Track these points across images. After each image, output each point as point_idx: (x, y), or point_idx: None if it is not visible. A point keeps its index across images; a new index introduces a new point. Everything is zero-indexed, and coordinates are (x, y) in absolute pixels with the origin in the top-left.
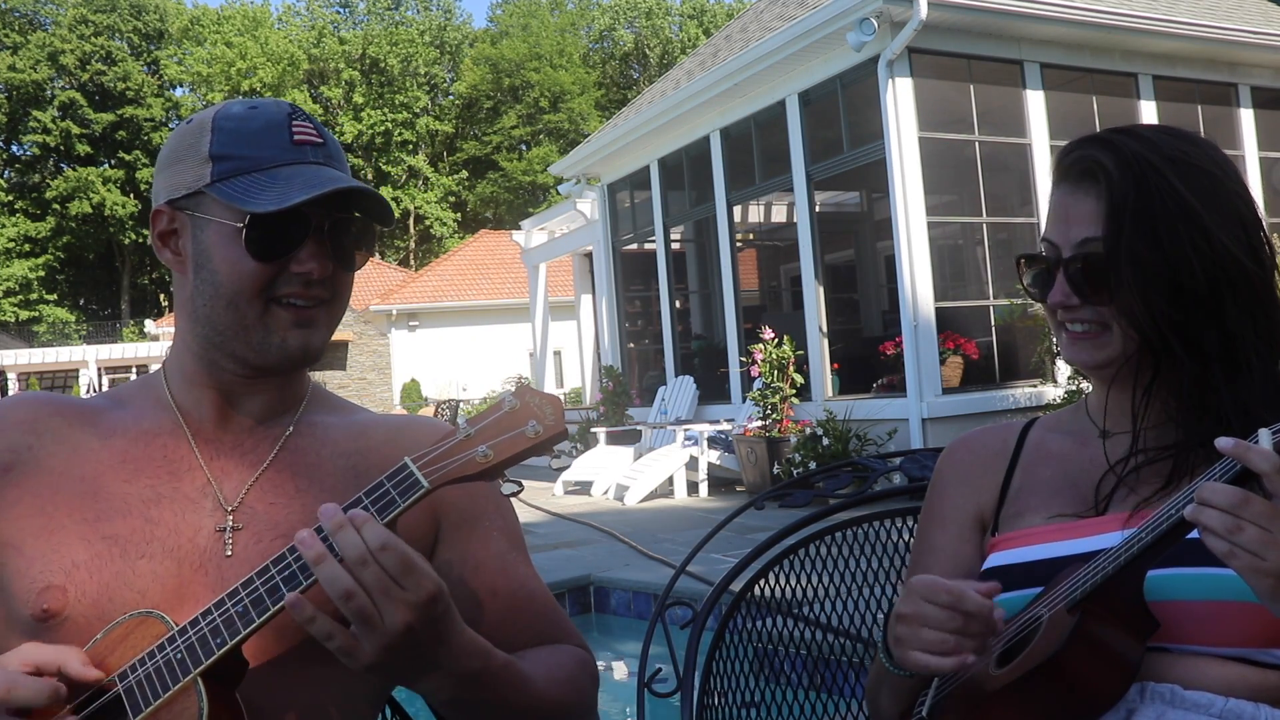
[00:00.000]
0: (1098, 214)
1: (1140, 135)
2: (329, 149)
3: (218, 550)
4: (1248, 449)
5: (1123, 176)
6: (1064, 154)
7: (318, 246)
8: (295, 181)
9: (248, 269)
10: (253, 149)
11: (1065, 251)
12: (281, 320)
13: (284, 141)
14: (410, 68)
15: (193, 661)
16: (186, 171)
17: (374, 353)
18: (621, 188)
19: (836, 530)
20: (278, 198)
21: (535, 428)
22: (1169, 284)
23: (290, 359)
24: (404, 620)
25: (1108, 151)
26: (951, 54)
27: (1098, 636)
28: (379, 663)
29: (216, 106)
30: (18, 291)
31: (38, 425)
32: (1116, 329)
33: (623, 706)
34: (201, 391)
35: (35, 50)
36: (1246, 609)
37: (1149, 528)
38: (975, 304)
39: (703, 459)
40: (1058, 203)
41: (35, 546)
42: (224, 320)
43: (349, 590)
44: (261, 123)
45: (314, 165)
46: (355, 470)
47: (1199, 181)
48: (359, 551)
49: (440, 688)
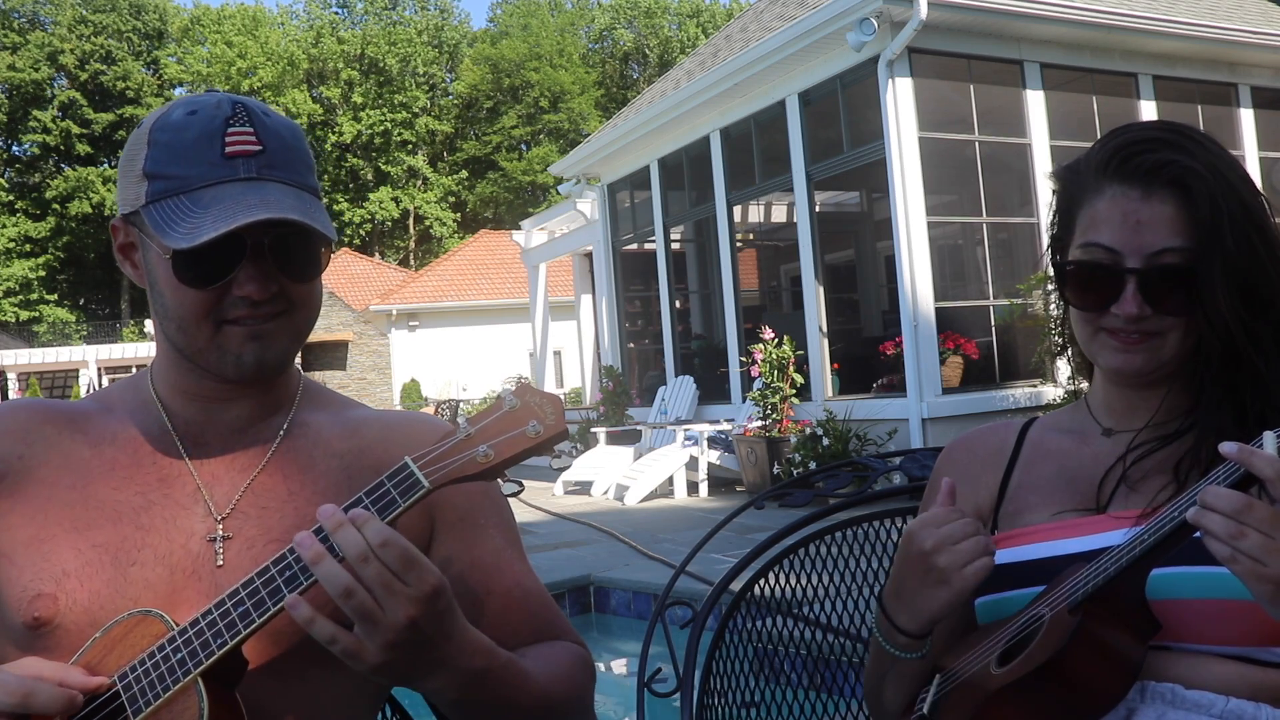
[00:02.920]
0: (1178, 222)
1: (1194, 137)
2: (268, 155)
3: (209, 558)
4: (1251, 454)
5: (1212, 182)
6: (1125, 155)
7: (257, 267)
8: (213, 209)
9: (188, 296)
10: (182, 166)
11: (1134, 261)
12: (234, 337)
13: (214, 156)
14: (409, 67)
15: (193, 661)
16: (129, 186)
17: (374, 353)
18: (621, 188)
19: (836, 530)
20: (191, 231)
21: (536, 428)
22: (1250, 292)
23: (245, 375)
24: (407, 615)
25: (1187, 156)
26: (951, 54)
27: (1100, 637)
28: (384, 662)
29: (162, 109)
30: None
31: (29, 434)
32: (1173, 335)
33: (623, 707)
34: (187, 398)
35: (35, 50)
36: (1247, 608)
37: (1152, 529)
38: (975, 304)
39: (703, 459)
40: (1120, 206)
41: (26, 555)
42: (180, 340)
43: (349, 588)
44: (195, 133)
45: (243, 182)
46: (348, 471)
47: (1250, 185)
48: (360, 549)
49: (446, 687)
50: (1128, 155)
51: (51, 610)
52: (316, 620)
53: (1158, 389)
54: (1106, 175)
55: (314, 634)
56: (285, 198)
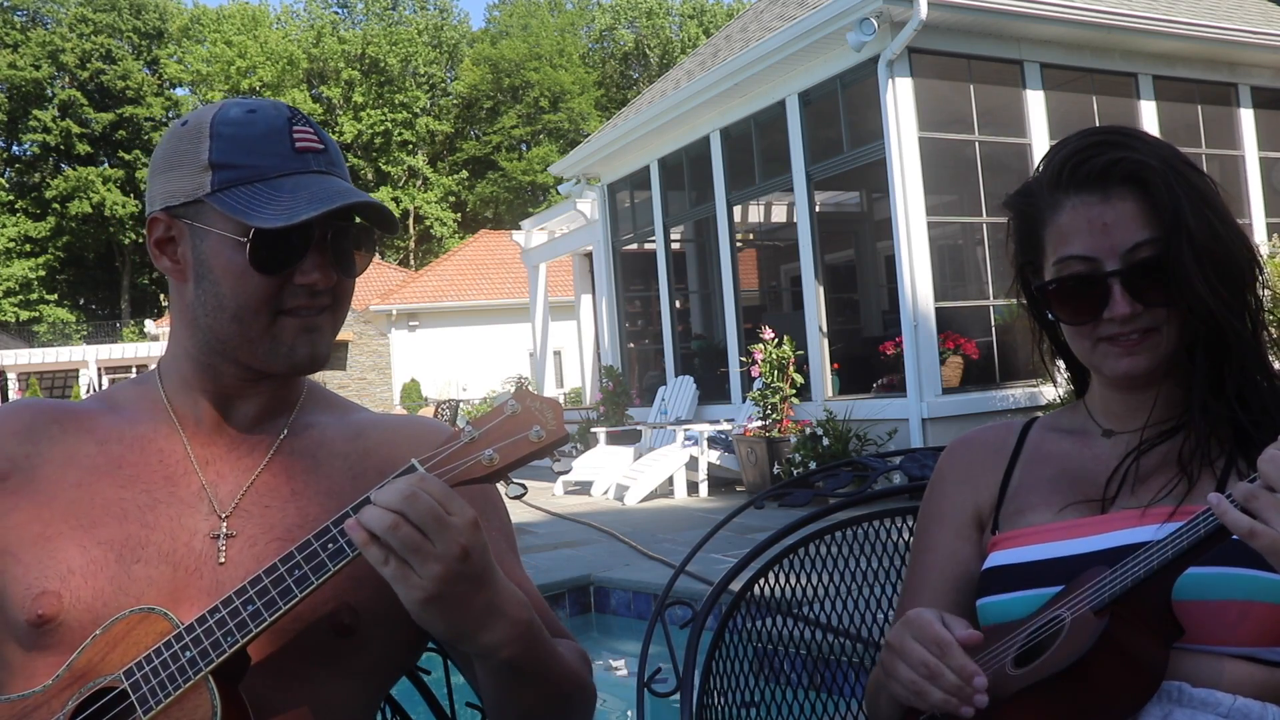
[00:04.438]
0: (1142, 215)
1: (1133, 133)
2: (330, 155)
3: (213, 555)
4: (1226, 511)
5: (1165, 174)
6: (1075, 164)
7: (320, 256)
8: (300, 194)
9: (253, 282)
10: (254, 157)
11: (1113, 263)
12: (289, 329)
13: (286, 150)
14: (410, 67)
15: (204, 660)
16: (184, 178)
17: (374, 353)
18: (621, 188)
19: (836, 530)
20: (285, 212)
21: (539, 432)
22: (1220, 269)
23: (297, 367)
24: (459, 545)
25: (1133, 151)
26: (951, 54)
27: (1125, 640)
28: (439, 594)
29: (213, 108)
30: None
31: (34, 433)
32: (1169, 329)
33: (623, 706)
34: (198, 396)
35: (36, 48)
36: (1254, 608)
37: (1184, 532)
38: (975, 304)
39: (703, 459)
40: (1083, 214)
41: (31, 553)
42: (228, 331)
43: (394, 523)
44: (262, 128)
45: (317, 174)
46: (352, 472)
47: (1195, 168)
48: (406, 487)
49: (503, 642)
50: (1077, 164)
51: (56, 608)
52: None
53: (1154, 388)
54: (1061, 188)
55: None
56: (354, 192)
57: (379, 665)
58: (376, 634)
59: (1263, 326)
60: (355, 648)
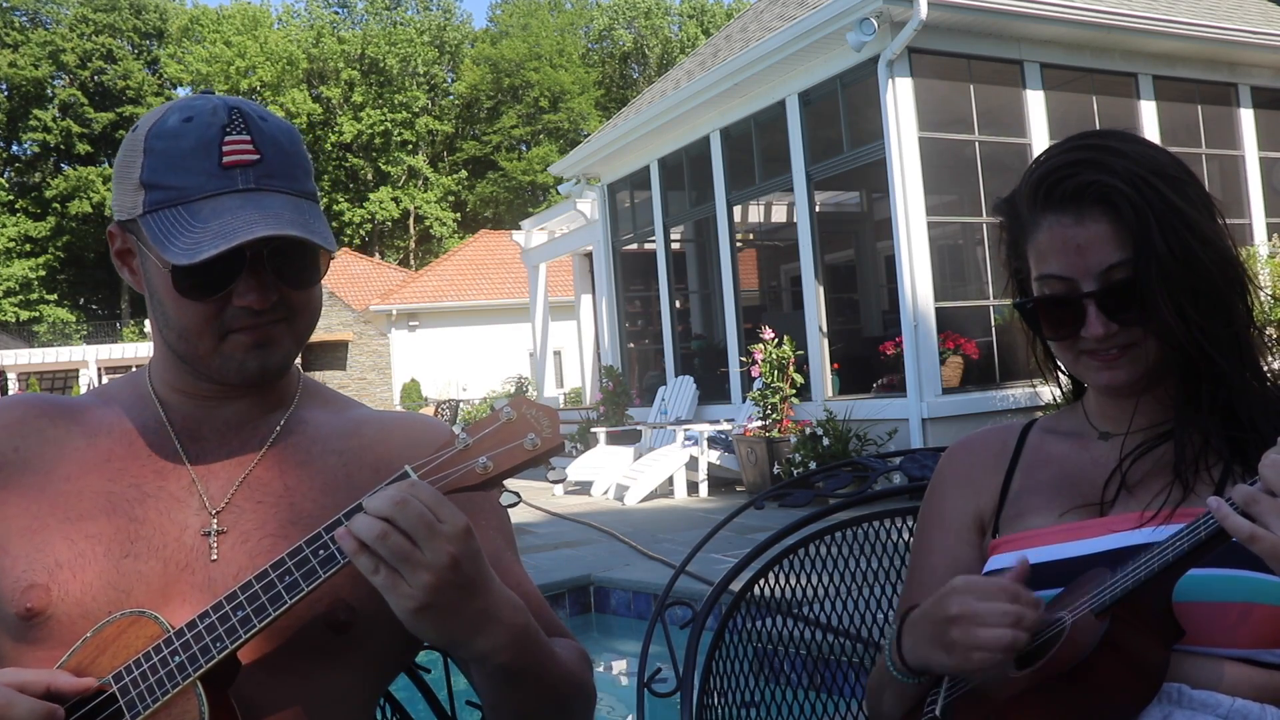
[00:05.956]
0: (1114, 237)
1: (1113, 148)
2: (266, 165)
3: (203, 552)
4: (1227, 516)
5: (1134, 194)
6: (1050, 184)
7: (256, 278)
8: (212, 224)
9: (189, 308)
10: (179, 176)
11: (1088, 284)
12: (239, 345)
13: (212, 166)
14: (409, 68)
15: (193, 666)
16: (126, 194)
17: (374, 353)
18: (621, 188)
19: (836, 530)
20: (190, 247)
21: (534, 440)
22: (1193, 291)
23: (248, 380)
24: (448, 553)
25: (1105, 172)
26: (951, 54)
27: (1126, 642)
28: (430, 604)
29: (155, 115)
30: (18, 291)
31: (24, 426)
32: (1150, 343)
33: (623, 706)
34: (183, 395)
35: (36, 48)
36: (1254, 610)
37: (1185, 535)
38: (975, 304)
39: (703, 459)
40: (1059, 235)
41: (20, 546)
42: (180, 348)
43: (383, 531)
44: (192, 141)
45: (241, 194)
46: (348, 469)
47: (1181, 188)
48: (396, 494)
49: (498, 647)
50: (1053, 184)
51: (44, 601)
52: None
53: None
54: (1038, 207)
55: (359, 568)
56: (284, 209)
57: (376, 661)
58: (373, 630)
59: (1254, 330)
60: (352, 644)
